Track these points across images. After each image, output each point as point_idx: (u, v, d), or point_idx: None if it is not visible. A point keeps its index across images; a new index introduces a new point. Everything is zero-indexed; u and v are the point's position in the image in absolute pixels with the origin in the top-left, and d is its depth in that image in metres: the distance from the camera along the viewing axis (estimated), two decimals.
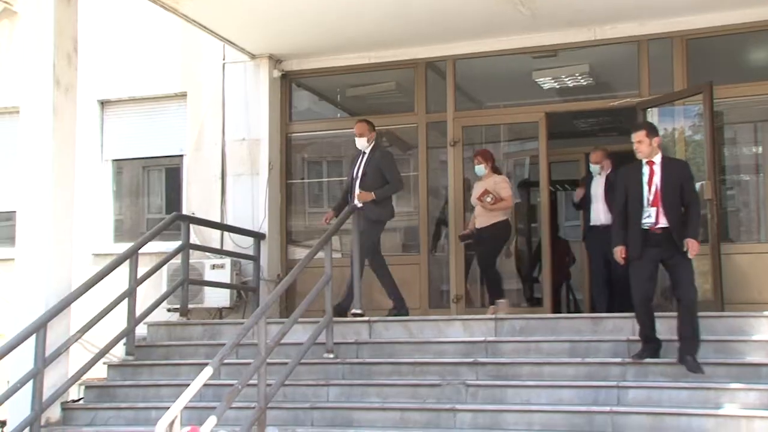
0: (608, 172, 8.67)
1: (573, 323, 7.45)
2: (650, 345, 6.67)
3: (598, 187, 8.73)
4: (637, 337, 6.88)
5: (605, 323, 7.29)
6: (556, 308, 9.63)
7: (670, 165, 6.83)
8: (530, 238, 10.69)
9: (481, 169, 8.74)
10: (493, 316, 7.80)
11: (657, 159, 6.77)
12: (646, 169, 6.78)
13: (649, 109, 8.75)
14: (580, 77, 9.73)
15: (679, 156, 8.33)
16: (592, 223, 8.76)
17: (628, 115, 9.09)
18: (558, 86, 9.87)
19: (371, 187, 8.26)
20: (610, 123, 10.95)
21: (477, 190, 8.74)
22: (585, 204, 8.97)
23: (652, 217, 6.63)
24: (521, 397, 6.63)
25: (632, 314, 7.19)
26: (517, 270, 9.90)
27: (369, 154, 8.42)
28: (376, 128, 8.58)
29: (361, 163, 8.43)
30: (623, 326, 7.16)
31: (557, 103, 9.84)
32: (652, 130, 6.86)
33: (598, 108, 9.74)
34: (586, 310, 10.04)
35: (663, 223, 6.60)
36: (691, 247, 6.55)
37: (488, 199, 8.47)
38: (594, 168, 8.82)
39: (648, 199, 6.68)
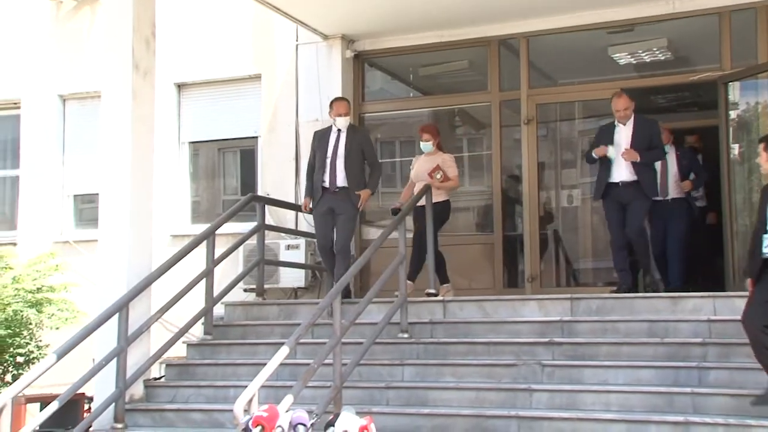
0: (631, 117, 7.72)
1: (651, 303, 7.29)
2: None
3: (621, 138, 7.73)
4: (719, 317, 6.73)
5: (684, 303, 7.13)
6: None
7: None
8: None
9: (428, 146, 8.34)
10: (442, 298, 7.81)
11: None
12: None
13: (730, 83, 8.50)
14: (657, 52, 9.47)
15: (763, 130, 8.04)
16: (612, 180, 7.72)
17: (709, 89, 8.85)
18: (635, 62, 9.63)
19: (355, 168, 8.02)
20: (689, 98, 10.66)
21: (425, 165, 8.34)
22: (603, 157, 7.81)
23: None
24: (598, 377, 6.54)
25: (712, 294, 7.07)
26: None
27: (348, 132, 8.12)
28: (450, 107, 8.47)
29: (338, 142, 8.09)
30: (703, 306, 7.01)
31: (634, 79, 9.62)
32: None
33: (677, 83, 9.49)
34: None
35: None
36: None
37: (438, 177, 8.18)
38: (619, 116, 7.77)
39: None
